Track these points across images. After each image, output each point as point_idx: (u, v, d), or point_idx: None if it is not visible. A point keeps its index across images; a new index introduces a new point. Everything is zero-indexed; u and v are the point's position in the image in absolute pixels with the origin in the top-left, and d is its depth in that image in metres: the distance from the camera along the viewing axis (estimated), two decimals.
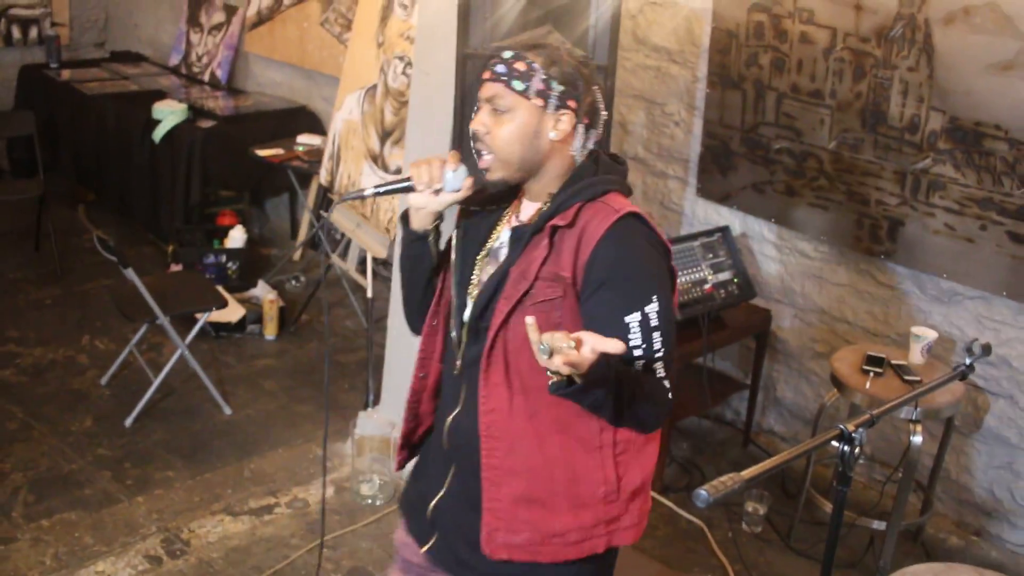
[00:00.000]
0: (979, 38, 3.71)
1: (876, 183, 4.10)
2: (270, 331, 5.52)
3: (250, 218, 6.54)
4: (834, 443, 1.96)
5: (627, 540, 2.18)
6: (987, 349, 2.27)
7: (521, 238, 2.10)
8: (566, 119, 2.06)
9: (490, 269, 2.16)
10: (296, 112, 6.53)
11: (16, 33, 7.39)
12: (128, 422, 4.59)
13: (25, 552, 3.78)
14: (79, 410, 4.70)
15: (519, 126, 2.05)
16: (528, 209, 2.15)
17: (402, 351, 4.38)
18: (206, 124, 6.15)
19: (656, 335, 2.00)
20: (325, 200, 5.54)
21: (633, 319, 1.99)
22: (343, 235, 5.43)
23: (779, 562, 3.99)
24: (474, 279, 2.17)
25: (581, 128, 2.09)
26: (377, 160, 4.96)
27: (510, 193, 2.19)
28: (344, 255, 5.56)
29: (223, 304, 4.80)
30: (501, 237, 2.18)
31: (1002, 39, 3.65)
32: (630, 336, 1.98)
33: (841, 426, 1.89)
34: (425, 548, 2.30)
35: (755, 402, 4.70)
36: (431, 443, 2.34)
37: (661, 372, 2.02)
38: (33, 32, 7.45)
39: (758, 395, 4.70)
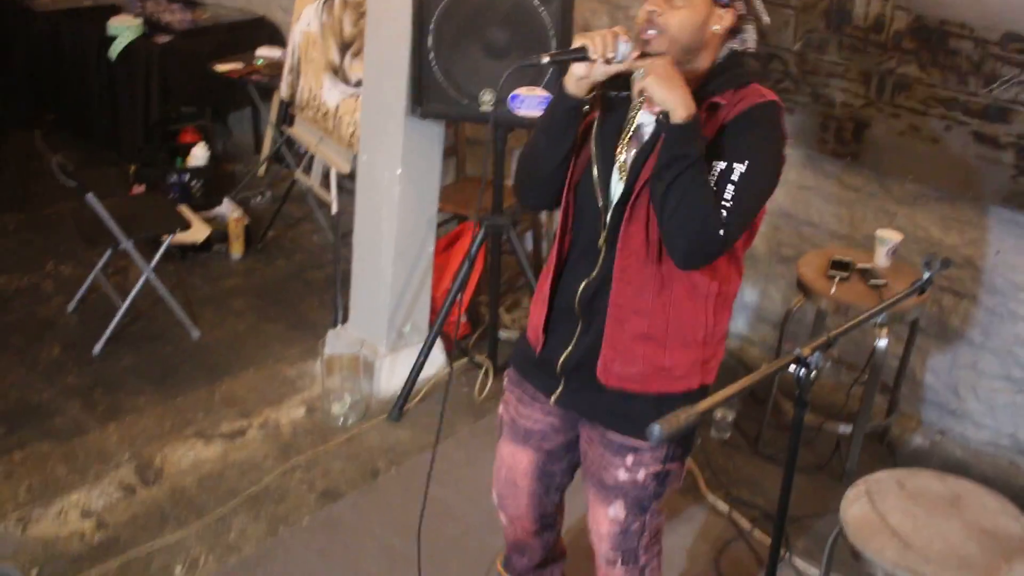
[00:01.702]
0: None
1: (841, 84, 4.05)
2: (236, 250, 5.47)
3: (213, 134, 6.43)
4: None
5: (711, 378, 2.53)
6: (945, 263, 2.27)
7: None
8: (728, 16, 2.30)
9: (635, 147, 2.38)
10: (255, 23, 6.39)
11: None
12: (96, 349, 4.56)
13: None
14: (46, 339, 4.67)
15: (693, 13, 2.26)
16: None
17: (369, 267, 4.36)
18: (163, 39, 6.02)
19: (730, 187, 2.20)
20: (287, 113, 5.45)
21: (718, 166, 2.23)
22: (307, 150, 5.35)
23: (747, 467, 4.04)
24: (620, 158, 2.39)
25: (743, 28, 2.35)
26: (337, 72, 4.86)
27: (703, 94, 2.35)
28: (308, 170, 5.49)
29: (187, 226, 4.75)
30: (640, 119, 2.39)
31: None
32: (736, 168, 2.22)
33: (797, 350, 1.89)
34: (554, 399, 2.59)
35: None
36: (555, 309, 2.56)
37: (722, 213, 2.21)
38: None
39: None
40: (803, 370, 1.91)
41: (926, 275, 2.23)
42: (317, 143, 4.98)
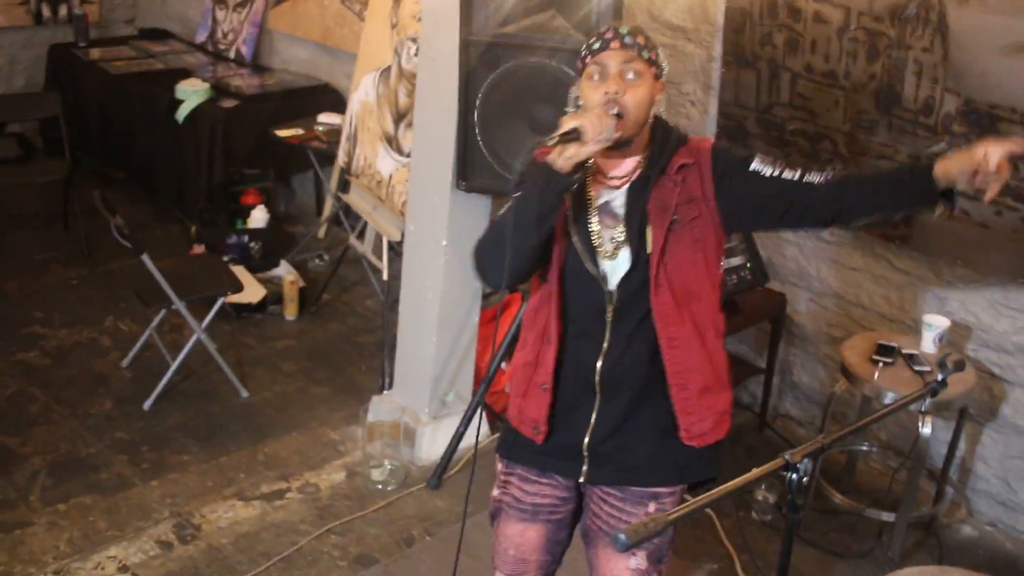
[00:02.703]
0: (994, 18, 3.62)
1: (891, 166, 4.02)
2: (290, 312, 5.55)
3: (275, 195, 6.57)
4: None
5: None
6: (959, 365, 2.23)
7: (646, 184, 2.42)
8: (660, 86, 2.43)
9: (610, 222, 2.46)
10: (319, 89, 6.52)
11: (46, 12, 7.43)
12: (147, 405, 4.65)
13: (40, 536, 3.85)
14: (99, 393, 4.76)
15: (646, 92, 2.37)
16: (626, 165, 2.45)
17: (413, 336, 4.40)
18: (228, 104, 6.17)
19: (766, 157, 2.45)
20: (345, 179, 5.55)
21: (755, 164, 2.43)
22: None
23: None
24: (595, 238, 2.46)
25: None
26: (392, 142, 4.95)
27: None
28: (362, 236, 5.56)
29: (239, 288, 4.83)
30: (602, 196, 2.47)
31: (1017, 20, 3.55)
32: (765, 171, 2.41)
33: (786, 456, 1.85)
34: (583, 479, 2.61)
35: (771, 386, 4.66)
36: (561, 396, 2.58)
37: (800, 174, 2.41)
38: (63, 11, 7.49)
39: (774, 379, 4.66)
40: (794, 475, 1.87)
41: (940, 376, 2.19)
42: (371, 210, 5.05)
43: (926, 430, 3.67)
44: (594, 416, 2.54)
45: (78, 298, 5.61)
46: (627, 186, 2.45)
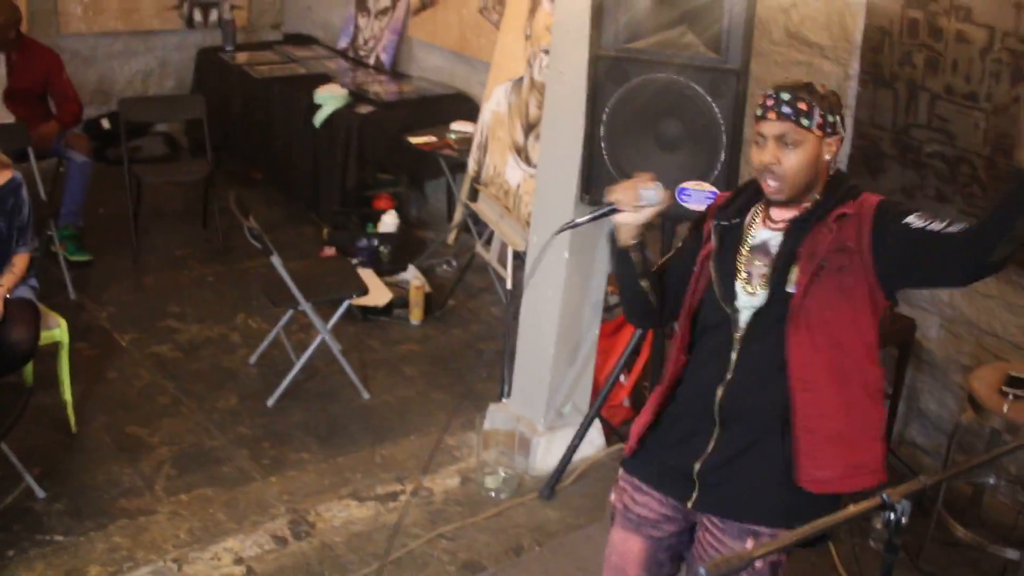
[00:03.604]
0: None
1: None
2: (415, 316, 5.62)
3: (408, 201, 6.67)
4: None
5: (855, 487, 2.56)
6: None
7: (804, 228, 2.50)
8: (835, 142, 2.48)
9: (758, 260, 2.55)
10: (454, 98, 6.60)
11: (197, 16, 7.71)
12: (271, 402, 4.77)
13: (163, 525, 3.98)
14: (226, 388, 4.91)
15: (807, 156, 2.44)
16: (786, 212, 2.55)
17: (532, 346, 4.41)
18: (365, 110, 6.29)
19: (927, 214, 2.40)
20: (474, 188, 5.60)
21: (910, 219, 2.40)
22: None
23: None
24: (742, 272, 2.57)
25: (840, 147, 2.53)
26: (521, 153, 4.98)
27: (750, 204, 2.62)
28: (488, 244, 5.60)
29: (364, 291, 4.92)
30: (761, 235, 2.58)
31: None
32: (916, 223, 2.39)
33: (884, 496, 1.80)
34: (691, 504, 2.63)
35: (896, 412, 4.53)
36: (681, 416, 2.67)
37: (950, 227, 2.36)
38: (213, 15, 7.75)
39: (900, 405, 4.53)
40: (891, 515, 1.81)
41: None
42: (497, 220, 5.09)
43: None
44: (711, 444, 2.59)
45: (212, 295, 5.79)
46: (786, 229, 2.54)
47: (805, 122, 2.42)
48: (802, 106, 2.42)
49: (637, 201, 2.54)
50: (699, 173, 3.71)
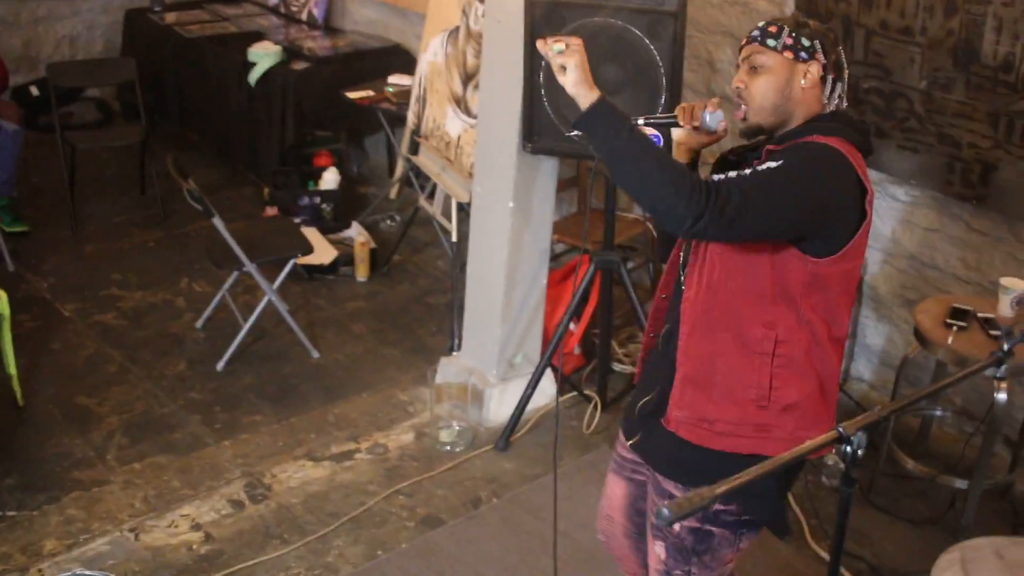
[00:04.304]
0: None
1: (968, 125, 3.91)
2: (361, 273, 5.59)
3: (348, 157, 6.60)
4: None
5: (776, 451, 2.24)
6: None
7: (746, 160, 2.45)
8: (814, 68, 2.36)
9: None
10: (390, 51, 6.52)
11: None
12: (220, 366, 4.72)
13: (117, 495, 3.95)
14: (174, 354, 4.85)
15: (775, 80, 2.36)
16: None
17: (481, 297, 4.40)
18: (300, 66, 6.20)
19: (748, 171, 2.23)
20: (415, 141, 5.55)
21: (755, 167, 2.26)
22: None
23: (857, 517, 3.91)
24: None
25: (829, 79, 2.40)
26: (460, 103, 4.93)
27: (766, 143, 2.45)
28: (432, 197, 5.57)
29: (309, 250, 4.87)
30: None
31: None
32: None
33: (840, 428, 1.81)
34: (630, 441, 2.65)
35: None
36: (650, 357, 2.68)
37: (715, 179, 2.20)
38: None
39: (846, 341, 4.57)
40: (848, 448, 1.82)
41: (1006, 346, 2.12)
42: (439, 172, 5.06)
43: (1002, 396, 3.58)
44: (658, 386, 2.55)
45: (155, 260, 5.71)
46: (736, 161, 2.51)
47: (771, 43, 2.36)
48: (771, 28, 2.38)
49: (695, 121, 2.46)
50: (644, 112, 3.69)
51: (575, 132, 2.29)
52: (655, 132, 2.64)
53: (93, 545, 3.69)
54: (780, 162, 2.23)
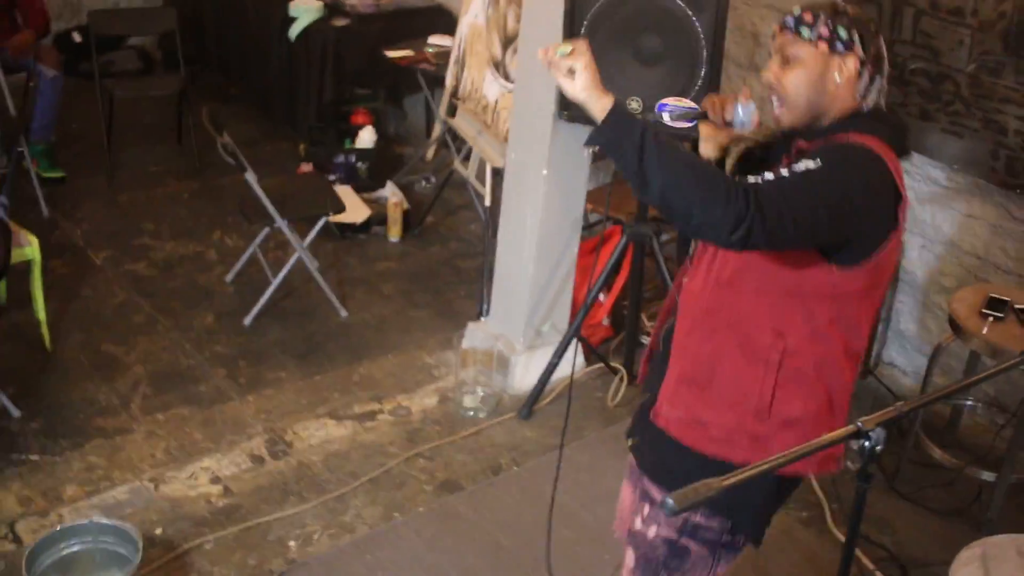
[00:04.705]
0: None
1: (1016, 111, 3.82)
2: (394, 233, 5.57)
3: (386, 116, 6.56)
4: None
5: (747, 460, 2.16)
6: None
7: (775, 157, 2.31)
8: (850, 62, 2.16)
9: None
10: (433, 11, 6.45)
11: None
12: (247, 321, 4.72)
13: (139, 444, 3.96)
14: (202, 306, 4.86)
15: (809, 73, 2.17)
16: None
17: (511, 264, 4.38)
18: (341, 22, 6.15)
19: (786, 173, 2.05)
20: (453, 103, 5.51)
21: (790, 167, 2.09)
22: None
23: (880, 504, 3.86)
24: None
25: (866, 74, 2.19)
26: (499, 67, 4.88)
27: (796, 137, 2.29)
28: (467, 160, 5.53)
29: (341, 208, 4.85)
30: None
31: None
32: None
33: (859, 423, 1.76)
34: (629, 443, 2.53)
35: (875, 332, 4.52)
36: (653, 356, 2.55)
37: (751, 181, 2.05)
38: None
39: (879, 325, 4.52)
40: (866, 443, 1.77)
41: None
42: (475, 136, 5.01)
43: None
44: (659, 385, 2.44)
45: (188, 212, 5.71)
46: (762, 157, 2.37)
47: (805, 32, 2.16)
48: (806, 16, 2.17)
49: (726, 115, 2.32)
50: (679, 89, 3.64)
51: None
52: (686, 121, 2.49)
53: (113, 493, 3.71)
54: (818, 163, 2.06)
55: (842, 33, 2.15)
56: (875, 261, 2.14)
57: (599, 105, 2.03)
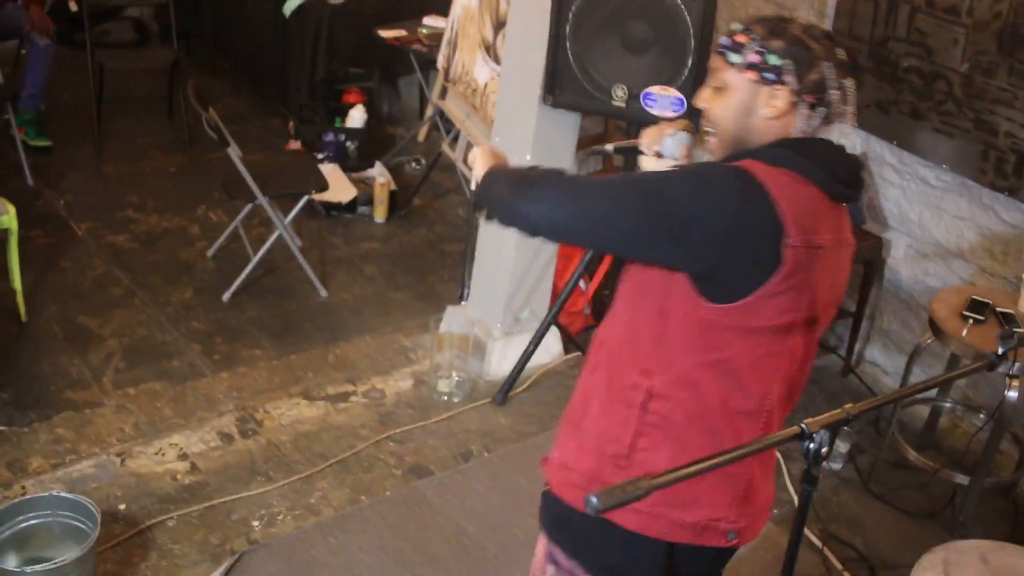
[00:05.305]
0: None
1: (1007, 113, 3.77)
2: (380, 214, 5.52)
3: (379, 96, 6.51)
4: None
5: (628, 523, 1.99)
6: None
7: None
8: (781, 95, 1.90)
9: None
10: None
11: None
12: (226, 297, 4.68)
13: (108, 418, 3.92)
14: (182, 281, 4.82)
15: (735, 102, 1.94)
16: None
17: (491, 249, 4.33)
18: (336, 0, 6.10)
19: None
20: (444, 85, 5.46)
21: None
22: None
23: (853, 504, 3.83)
24: None
25: (804, 107, 1.91)
26: (490, 50, 4.83)
27: None
28: (455, 143, 5.48)
29: (324, 187, 4.80)
30: None
31: None
32: None
33: (803, 425, 1.70)
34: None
35: (859, 330, 4.48)
36: None
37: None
38: None
39: (863, 323, 4.48)
40: (810, 445, 1.71)
41: (1000, 350, 2.00)
42: (464, 118, 4.96)
43: (1012, 393, 3.48)
44: None
45: (174, 185, 5.66)
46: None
47: (733, 57, 1.91)
48: (739, 39, 1.92)
49: (655, 146, 2.18)
50: (666, 78, 3.60)
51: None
52: (678, 96, 2.34)
53: (79, 467, 3.67)
54: (667, 172, 1.95)
55: (772, 61, 1.89)
56: (754, 301, 1.85)
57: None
